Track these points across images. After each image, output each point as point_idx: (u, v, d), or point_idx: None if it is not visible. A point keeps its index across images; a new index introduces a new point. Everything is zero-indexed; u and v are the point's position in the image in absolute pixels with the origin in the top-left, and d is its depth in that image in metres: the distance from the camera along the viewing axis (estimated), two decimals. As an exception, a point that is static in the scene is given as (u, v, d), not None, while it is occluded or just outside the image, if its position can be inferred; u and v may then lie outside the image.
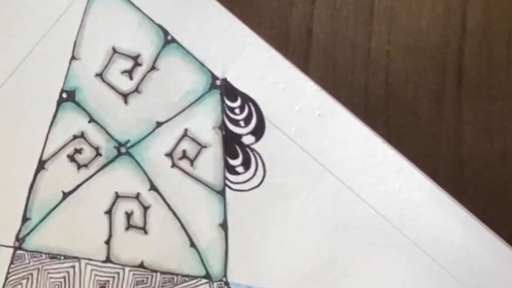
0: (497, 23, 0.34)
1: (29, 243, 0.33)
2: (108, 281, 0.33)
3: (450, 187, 0.32)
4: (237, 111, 0.32)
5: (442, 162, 0.33)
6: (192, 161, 0.33)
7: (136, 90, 0.33)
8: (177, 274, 0.33)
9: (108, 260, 0.33)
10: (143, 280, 0.33)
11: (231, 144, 0.33)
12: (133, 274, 0.33)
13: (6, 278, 0.33)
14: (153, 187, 0.33)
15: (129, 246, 0.33)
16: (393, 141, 0.33)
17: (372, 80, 0.34)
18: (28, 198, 0.33)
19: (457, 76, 0.34)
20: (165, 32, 0.33)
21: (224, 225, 0.33)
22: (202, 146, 0.33)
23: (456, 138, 0.34)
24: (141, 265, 0.33)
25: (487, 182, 0.33)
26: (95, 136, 0.34)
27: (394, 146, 0.32)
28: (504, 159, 0.33)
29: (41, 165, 0.34)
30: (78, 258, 0.33)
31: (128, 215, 0.33)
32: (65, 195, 0.33)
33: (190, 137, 0.33)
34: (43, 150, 0.34)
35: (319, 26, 0.34)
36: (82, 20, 0.34)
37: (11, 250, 0.33)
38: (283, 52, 0.34)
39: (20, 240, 0.33)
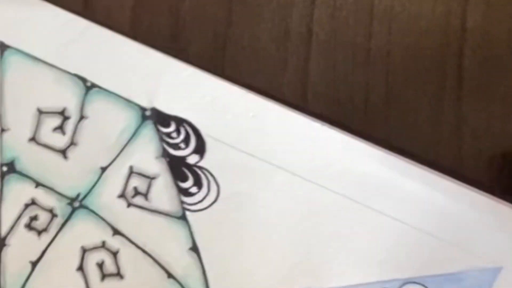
0: (497, 23, 0.34)
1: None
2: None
3: (450, 187, 0.32)
4: (174, 135, 0.33)
5: (442, 162, 0.33)
6: (146, 196, 0.33)
7: (72, 143, 0.34)
8: None
9: (92, 313, 0.33)
10: None
11: (178, 168, 0.33)
12: None
13: None
14: (116, 232, 0.33)
15: None
16: (393, 141, 0.33)
17: (372, 80, 0.34)
18: (-1, 278, 0.34)
19: (457, 76, 0.34)
20: (83, 80, 0.33)
21: (194, 248, 0.33)
22: (151, 178, 0.33)
23: (456, 138, 0.34)
24: (126, 309, 0.33)
25: (487, 182, 0.33)
26: (46, 199, 0.34)
27: (394, 146, 0.33)
28: (504, 159, 0.33)
29: (2, 242, 0.34)
30: None
31: (100, 265, 0.33)
32: (34, 264, 0.34)
33: (137, 173, 0.33)
34: None
35: (319, 26, 0.34)
36: (0, 92, 0.34)
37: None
38: (283, 52, 0.34)
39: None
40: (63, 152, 0.34)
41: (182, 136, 0.33)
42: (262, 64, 0.34)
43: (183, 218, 0.33)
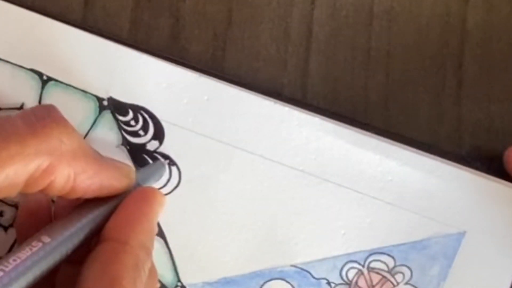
0: (497, 23, 0.34)
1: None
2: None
3: (450, 187, 0.32)
4: (132, 123, 0.33)
5: (442, 162, 0.33)
6: None
7: None
8: None
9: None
10: None
11: (138, 155, 0.33)
12: None
13: None
14: None
15: None
16: (393, 140, 0.33)
17: (372, 80, 0.34)
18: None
19: (457, 76, 0.34)
20: (39, 74, 0.33)
21: (160, 234, 0.33)
22: None
23: (456, 138, 0.34)
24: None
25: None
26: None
27: (394, 145, 0.33)
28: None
29: None
30: None
31: None
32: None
33: None
34: None
35: (319, 26, 0.34)
36: None
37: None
38: (283, 52, 0.34)
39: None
40: None
41: (140, 124, 0.33)
42: (262, 64, 0.34)
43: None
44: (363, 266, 0.32)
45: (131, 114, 0.33)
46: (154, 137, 0.33)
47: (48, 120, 0.26)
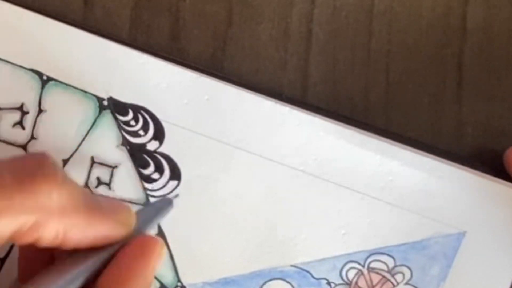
0: (497, 23, 0.34)
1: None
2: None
3: (450, 187, 0.32)
4: (132, 123, 0.33)
5: (442, 162, 0.33)
6: (109, 185, 0.33)
7: (32, 137, 0.34)
8: None
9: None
10: None
11: (138, 155, 0.33)
12: None
13: None
14: None
15: None
16: (393, 140, 0.33)
17: (372, 80, 0.34)
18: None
19: (457, 76, 0.34)
20: (39, 74, 0.33)
21: (160, 234, 0.33)
22: (113, 167, 0.33)
23: (456, 138, 0.34)
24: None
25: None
26: None
27: (394, 145, 0.33)
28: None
29: None
30: None
31: None
32: (2, 260, 0.34)
33: (98, 163, 0.34)
34: None
35: (319, 26, 0.34)
36: None
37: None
38: (283, 52, 0.34)
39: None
40: (24, 147, 0.34)
41: (140, 124, 0.33)
42: (262, 64, 0.34)
43: (147, 204, 0.33)
44: (363, 266, 0.32)
45: (131, 114, 0.33)
46: (154, 137, 0.33)
47: (38, 174, 0.24)
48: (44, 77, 0.33)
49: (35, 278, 0.25)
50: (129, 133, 0.33)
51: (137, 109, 0.33)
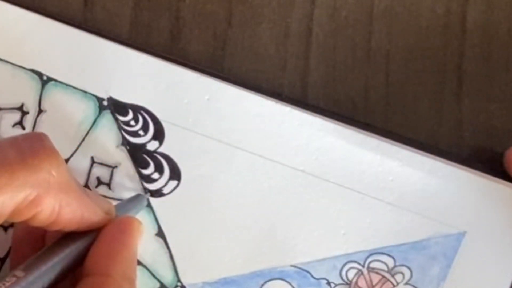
0: (497, 23, 0.34)
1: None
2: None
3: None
4: (132, 123, 0.33)
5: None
6: (109, 185, 0.33)
7: None
8: None
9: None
10: None
11: (138, 155, 0.33)
12: None
13: None
14: None
15: None
16: (393, 140, 0.33)
17: (372, 80, 0.34)
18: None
19: (457, 76, 0.34)
20: (39, 74, 0.33)
21: (160, 234, 0.33)
22: (113, 167, 0.33)
23: (456, 138, 0.34)
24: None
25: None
26: None
27: (394, 145, 0.33)
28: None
29: None
30: None
31: None
32: (2, 260, 0.34)
33: (98, 163, 0.34)
34: None
35: (319, 26, 0.34)
36: None
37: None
38: (283, 52, 0.34)
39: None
40: None
41: (140, 124, 0.33)
42: (262, 64, 0.34)
43: (147, 205, 0.33)
44: (363, 266, 0.32)
45: (131, 114, 0.33)
46: (154, 137, 0.33)
47: (40, 151, 0.26)
48: (44, 77, 0.33)
49: (26, 261, 0.26)
50: (129, 133, 0.33)
51: (137, 109, 0.33)
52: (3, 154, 0.25)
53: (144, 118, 0.33)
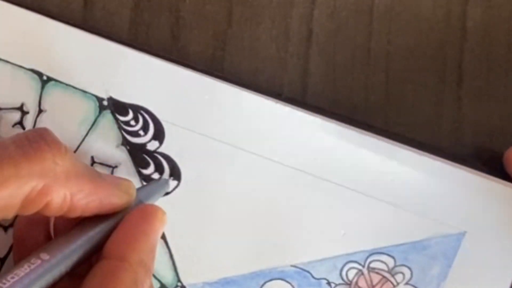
0: (497, 23, 0.34)
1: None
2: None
3: (450, 187, 0.32)
4: (132, 123, 0.33)
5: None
6: None
7: None
8: None
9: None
10: None
11: (138, 155, 0.33)
12: None
13: None
14: None
15: None
16: (393, 140, 0.33)
17: (372, 80, 0.34)
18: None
19: (457, 76, 0.34)
20: (39, 74, 0.33)
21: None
22: (113, 167, 0.33)
23: (456, 138, 0.34)
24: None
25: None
26: None
27: (394, 144, 0.33)
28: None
29: None
30: None
31: None
32: (2, 260, 0.34)
33: (99, 163, 0.34)
34: None
35: (319, 26, 0.34)
36: None
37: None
38: (283, 52, 0.34)
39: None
40: None
41: (140, 124, 0.33)
42: (262, 64, 0.34)
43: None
44: (363, 266, 0.32)
45: (131, 114, 0.33)
46: (154, 137, 0.33)
47: (41, 142, 0.26)
48: (44, 77, 0.33)
49: (40, 248, 0.26)
50: (129, 133, 0.33)
51: (137, 109, 0.33)
52: (5, 149, 0.25)
53: (144, 118, 0.33)
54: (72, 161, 0.26)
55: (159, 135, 0.33)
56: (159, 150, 0.33)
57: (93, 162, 0.33)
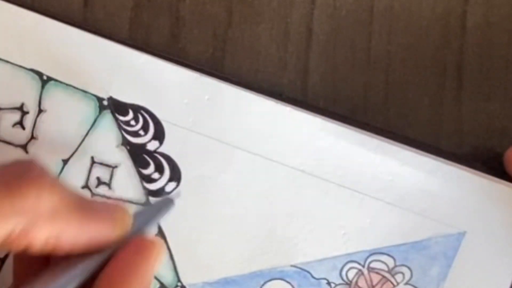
0: (497, 23, 0.34)
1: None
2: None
3: (450, 187, 0.32)
4: (132, 122, 0.33)
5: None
6: (109, 185, 0.33)
7: (32, 137, 0.34)
8: None
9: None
10: None
11: (138, 155, 0.33)
12: None
13: None
14: None
15: None
16: (392, 140, 0.33)
17: (372, 80, 0.34)
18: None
19: (457, 76, 0.34)
20: (39, 74, 0.33)
21: (160, 234, 0.33)
22: (113, 167, 0.34)
23: (456, 138, 0.34)
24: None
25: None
26: None
27: (394, 145, 0.33)
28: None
29: None
30: None
31: None
32: (2, 260, 0.34)
33: (99, 163, 0.34)
34: None
35: (319, 26, 0.34)
36: None
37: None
38: (283, 52, 0.34)
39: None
40: (24, 147, 0.34)
41: (140, 123, 0.33)
42: (262, 64, 0.34)
43: (147, 205, 0.33)
44: (363, 266, 0.32)
45: (131, 114, 0.33)
46: (154, 137, 0.33)
47: (25, 178, 0.24)
48: (44, 77, 0.33)
49: (30, 281, 0.24)
50: (129, 133, 0.33)
51: (137, 109, 0.33)
52: None
53: (144, 118, 0.33)
54: (60, 195, 0.24)
55: (159, 135, 0.33)
56: (159, 150, 0.33)
57: (93, 162, 0.33)
